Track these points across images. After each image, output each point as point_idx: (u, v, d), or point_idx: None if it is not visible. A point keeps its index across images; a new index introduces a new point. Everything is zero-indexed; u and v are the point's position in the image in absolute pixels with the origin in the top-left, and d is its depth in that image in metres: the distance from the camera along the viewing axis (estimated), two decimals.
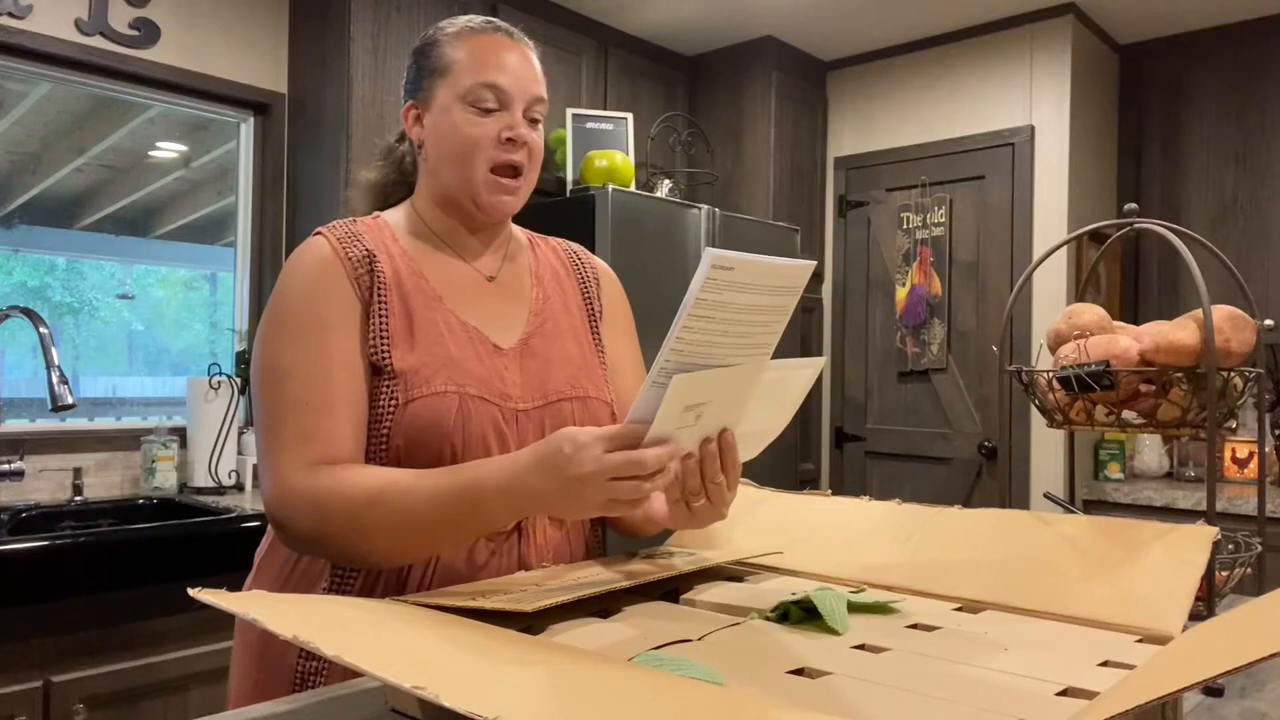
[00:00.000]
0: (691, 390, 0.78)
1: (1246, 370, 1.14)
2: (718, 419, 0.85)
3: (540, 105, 1.10)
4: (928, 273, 3.48)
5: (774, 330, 0.84)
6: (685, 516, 0.93)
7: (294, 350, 0.98)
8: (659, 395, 0.77)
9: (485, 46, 1.07)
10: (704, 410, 0.82)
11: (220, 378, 2.54)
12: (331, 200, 2.65)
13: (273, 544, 1.07)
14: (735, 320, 0.79)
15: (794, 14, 3.32)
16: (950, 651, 0.72)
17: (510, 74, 1.06)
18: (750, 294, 0.78)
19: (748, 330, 0.81)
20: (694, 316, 0.76)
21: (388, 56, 2.68)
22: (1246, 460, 3.16)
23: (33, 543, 1.77)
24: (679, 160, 3.56)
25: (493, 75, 1.06)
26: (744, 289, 0.78)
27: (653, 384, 0.78)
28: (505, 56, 1.07)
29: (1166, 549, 0.85)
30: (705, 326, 0.77)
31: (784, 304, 0.83)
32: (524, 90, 1.07)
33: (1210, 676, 0.46)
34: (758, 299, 0.79)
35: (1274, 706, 0.80)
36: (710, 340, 0.78)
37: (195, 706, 1.92)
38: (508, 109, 1.06)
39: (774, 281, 0.80)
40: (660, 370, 0.78)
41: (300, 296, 1.01)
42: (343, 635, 0.60)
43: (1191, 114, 3.37)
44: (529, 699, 0.52)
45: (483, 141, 1.05)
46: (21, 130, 2.56)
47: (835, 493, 1.12)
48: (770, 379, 0.88)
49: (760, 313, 0.81)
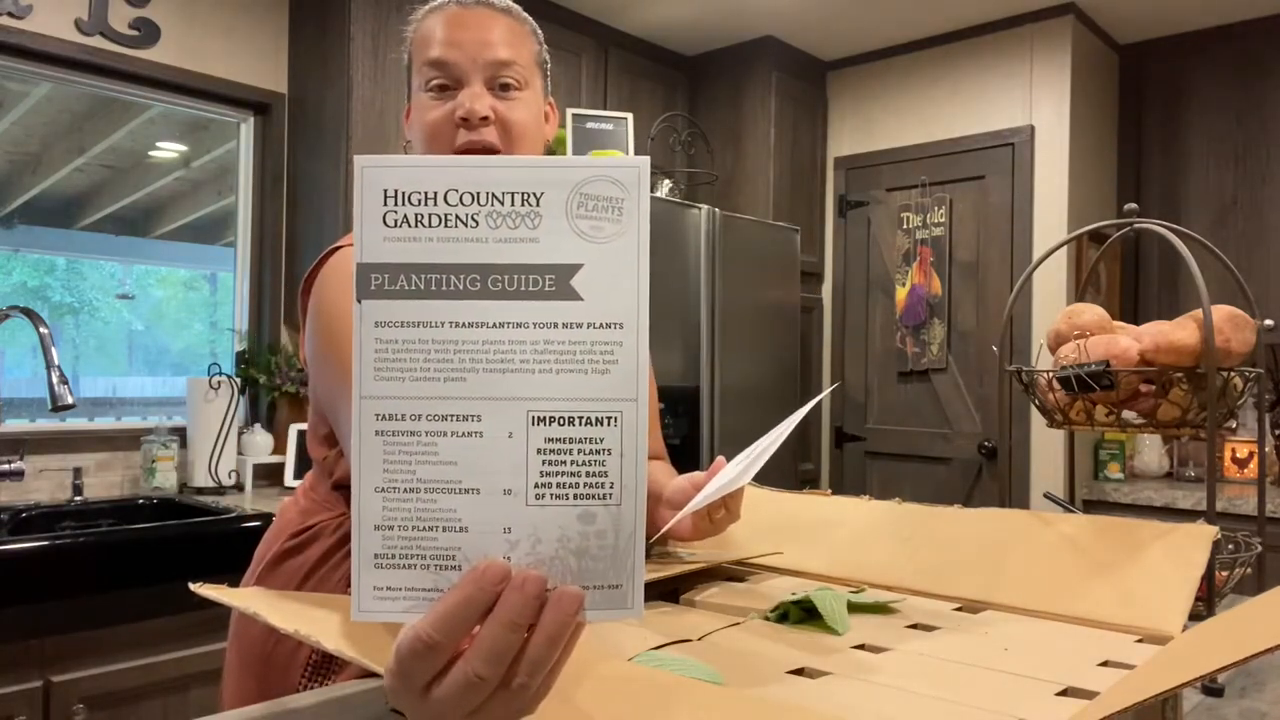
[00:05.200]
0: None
1: (1246, 370, 1.14)
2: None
3: (509, 69, 0.97)
4: (928, 273, 3.48)
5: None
6: (708, 528, 0.94)
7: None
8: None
9: (435, 24, 0.98)
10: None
11: (220, 378, 2.54)
12: (331, 200, 2.65)
13: (286, 549, 1.05)
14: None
15: (794, 14, 3.32)
16: (950, 651, 0.72)
17: (456, 46, 0.95)
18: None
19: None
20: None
21: (388, 56, 2.68)
22: (1246, 460, 3.16)
23: (33, 543, 1.77)
24: (679, 160, 3.56)
25: (435, 51, 0.96)
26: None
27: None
28: (455, 29, 0.96)
29: (1166, 549, 0.85)
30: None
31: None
32: (476, 59, 0.95)
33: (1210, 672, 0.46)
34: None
35: (1274, 706, 0.80)
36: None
37: (195, 706, 1.92)
38: (465, 84, 0.96)
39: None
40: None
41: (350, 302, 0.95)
42: (343, 630, 0.60)
43: (1191, 114, 3.37)
44: None
45: (440, 126, 0.95)
46: (21, 130, 2.56)
47: (835, 493, 1.11)
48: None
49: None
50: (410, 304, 0.44)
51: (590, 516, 0.44)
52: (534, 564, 0.44)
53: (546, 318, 0.44)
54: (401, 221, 0.45)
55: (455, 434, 0.44)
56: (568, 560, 0.44)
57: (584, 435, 0.44)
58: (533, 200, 0.45)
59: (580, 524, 0.44)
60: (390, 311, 0.44)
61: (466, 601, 0.41)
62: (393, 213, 0.45)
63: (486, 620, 0.42)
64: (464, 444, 0.44)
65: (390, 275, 0.45)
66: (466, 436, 0.44)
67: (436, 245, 0.44)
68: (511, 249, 0.45)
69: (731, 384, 3.02)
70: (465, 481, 0.44)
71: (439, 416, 0.44)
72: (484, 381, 0.44)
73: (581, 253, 0.45)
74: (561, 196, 0.45)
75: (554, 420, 0.44)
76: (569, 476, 0.44)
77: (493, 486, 0.44)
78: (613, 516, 0.44)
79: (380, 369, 0.45)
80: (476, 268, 0.45)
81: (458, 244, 0.44)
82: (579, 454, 0.44)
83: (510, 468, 0.44)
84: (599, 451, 0.44)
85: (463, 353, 0.44)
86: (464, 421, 0.44)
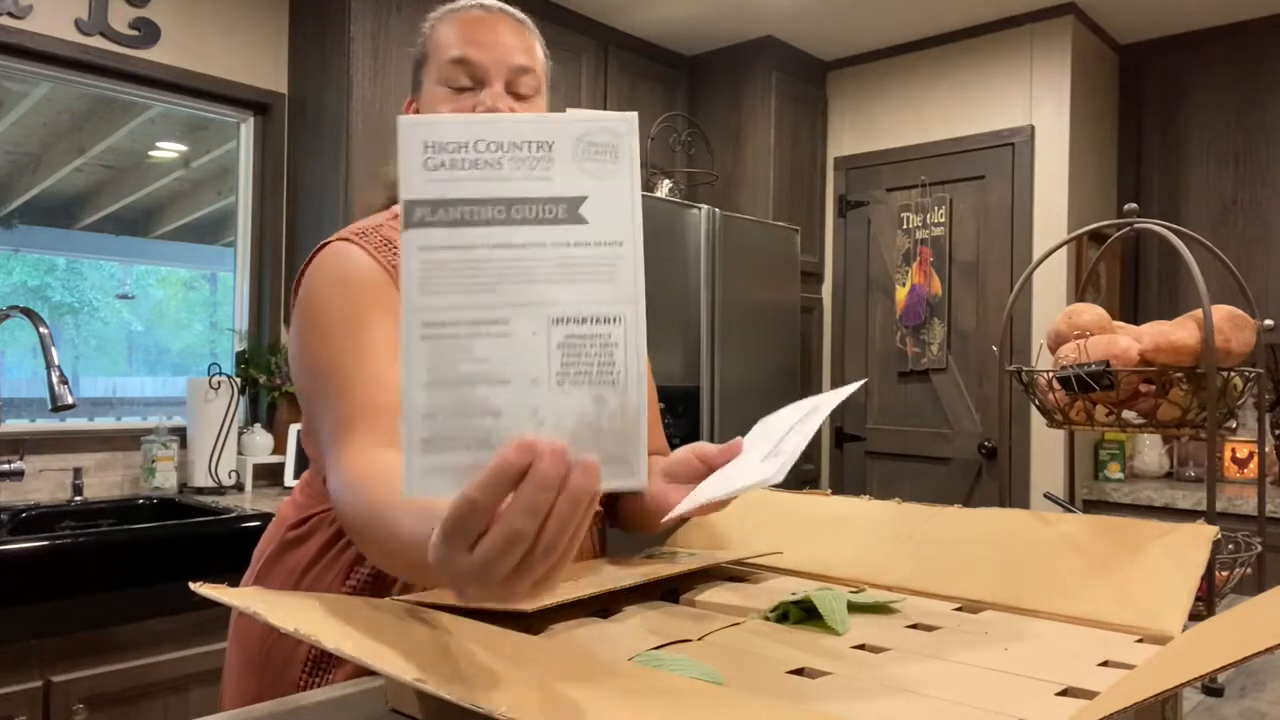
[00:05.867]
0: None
1: (1246, 370, 1.14)
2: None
3: (527, 77, 1.03)
4: (928, 273, 3.48)
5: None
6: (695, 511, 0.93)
7: (338, 346, 0.93)
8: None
9: (460, 24, 1.03)
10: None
11: (220, 378, 2.54)
12: (331, 200, 2.65)
13: (281, 546, 1.06)
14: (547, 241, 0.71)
15: (794, 14, 3.32)
16: (950, 651, 0.72)
17: (482, 48, 1.01)
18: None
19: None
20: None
21: (388, 57, 2.68)
22: (1246, 460, 3.16)
23: (33, 543, 1.77)
24: (679, 160, 3.56)
25: (461, 50, 1.01)
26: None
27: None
28: (480, 32, 1.02)
29: (1166, 549, 0.85)
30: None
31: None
32: (500, 62, 1.01)
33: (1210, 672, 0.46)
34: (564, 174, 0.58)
35: (1274, 706, 0.80)
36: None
37: (195, 706, 1.92)
38: (486, 85, 1.01)
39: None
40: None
41: (339, 298, 0.96)
42: (343, 629, 0.60)
43: (1191, 114, 3.37)
44: (529, 697, 0.52)
45: None
46: (21, 130, 2.56)
47: (835, 493, 1.11)
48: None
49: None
50: (448, 231, 0.54)
51: (602, 400, 0.53)
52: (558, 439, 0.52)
53: (560, 239, 0.54)
54: (439, 165, 0.54)
55: (488, 335, 0.53)
56: (585, 435, 0.53)
57: (595, 332, 0.53)
58: (546, 148, 0.55)
59: (595, 406, 0.53)
60: (431, 238, 0.53)
61: (505, 467, 0.49)
62: (431, 159, 0.54)
63: (521, 483, 0.49)
64: (496, 343, 0.53)
65: (430, 209, 0.54)
66: (498, 337, 0.53)
67: (468, 184, 0.54)
68: (530, 185, 0.54)
69: (731, 384, 3.02)
70: (499, 374, 0.53)
71: (474, 322, 0.53)
72: (511, 292, 0.53)
73: (586, 187, 0.55)
74: (569, 144, 0.55)
75: (570, 320, 0.53)
76: (584, 367, 0.53)
77: (522, 377, 0.53)
78: (620, 400, 0.53)
79: (424, 285, 0.53)
80: (502, 201, 0.54)
81: (486, 182, 0.54)
82: (591, 348, 0.53)
83: (536, 361, 0.53)
84: (607, 346, 0.53)
85: (492, 269, 0.54)
86: (495, 325, 0.53)
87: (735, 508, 1.14)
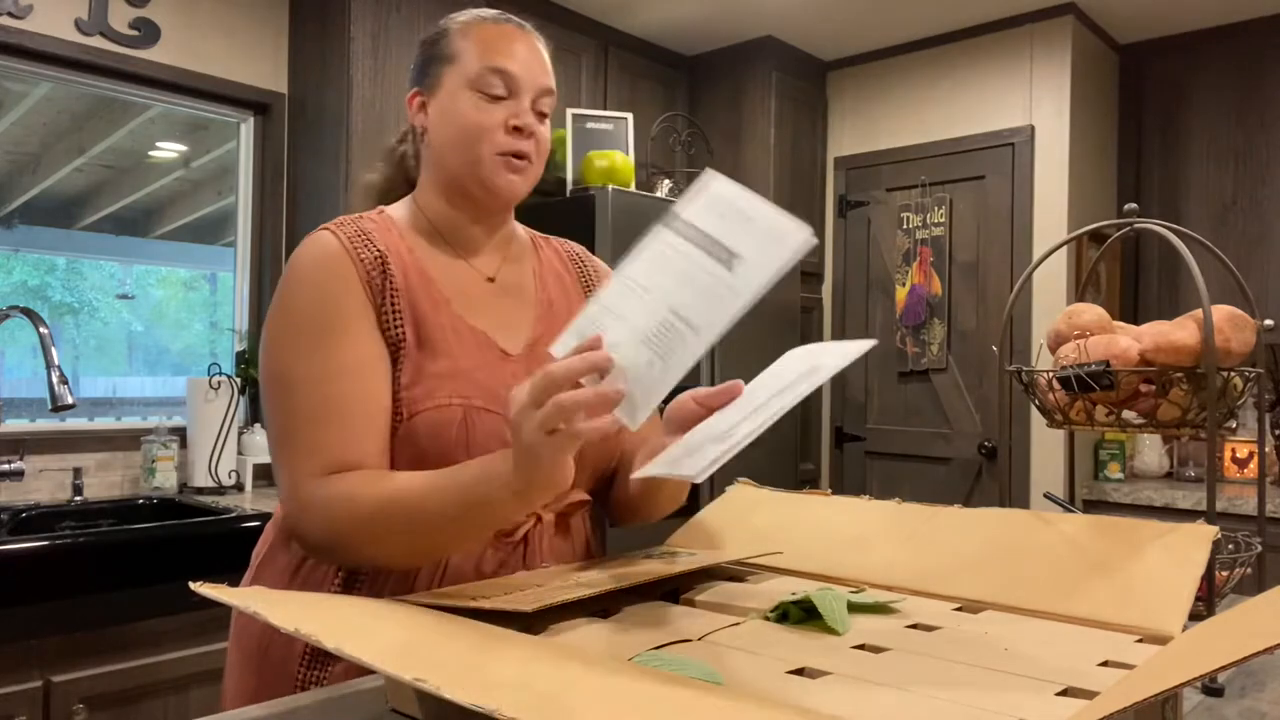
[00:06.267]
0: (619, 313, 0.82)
1: (1246, 370, 1.14)
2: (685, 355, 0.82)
3: (549, 98, 1.09)
4: (928, 273, 3.48)
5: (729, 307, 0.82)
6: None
7: (304, 359, 0.97)
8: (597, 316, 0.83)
9: (496, 35, 1.07)
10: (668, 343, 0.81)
11: (220, 378, 2.55)
12: (331, 200, 2.65)
13: (274, 546, 1.06)
14: (703, 269, 0.81)
15: (794, 14, 3.32)
16: (950, 651, 0.72)
17: (520, 62, 1.06)
18: (738, 236, 0.81)
19: (710, 287, 0.81)
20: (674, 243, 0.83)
21: (388, 57, 2.68)
22: (1246, 460, 3.16)
23: (33, 543, 1.77)
24: (679, 160, 3.56)
25: (502, 61, 1.05)
26: (733, 226, 0.82)
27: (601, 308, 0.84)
28: (515, 45, 1.07)
29: (1166, 549, 0.85)
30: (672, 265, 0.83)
31: (762, 272, 0.81)
32: (533, 80, 1.06)
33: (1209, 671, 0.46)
34: (743, 244, 0.81)
35: (1274, 706, 0.80)
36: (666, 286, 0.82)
37: (195, 706, 1.92)
38: (516, 97, 1.05)
39: (766, 238, 0.81)
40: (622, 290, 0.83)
41: (308, 300, 0.99)
42: (343, 629, 0.60)
43: (1191, 114, 3.37)
44: (529, 696, 0.52)
45: (490, 127, 1.04)
46: (21, 130, 2.56)
47: (835, 493, 1.12)
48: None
49: (735, 268, 0.81)
50: (680, 239, 0.83)
51: (652, 366, 0.80)
52: (620, 366, 0.80)
53: (712, 270, 0.81)
54: (690, 226, 0.83)
55: (638, 298, 0.82)
56: (633, 376, 0.80)
57: (681, 328, 0.80)
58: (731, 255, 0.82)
59: (648, 367, 0.80)
60: (666, 240, 0.83)
61: (578, 361, 0.79)
62: (698, 215, 0.83)
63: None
64: (639, 303, 0.82)
65: (680, 228, 0.83)
66: (641, 299, 0.82)
67: (710, 220, 0.83)
68: (727, 241, 0.82)
69: None
70: (629, 320, 0.82)
71: (644, 287, 0.82)
72: (668, 282, 0.82)
73: (747, 250, 0.82)
74: (756, 240, 0.83)
75: (678, 315, 0.81)
76: (665, 341, 0.80)
77: (634, 327, 0.81)
78: (659, 374, 0.80)
79: (649, 263, 0.83)
80: (708, 238, 0.83)
81: (718, 224, 0.83)
82: (673, 334, 0.80)
83: (649, 322, 0.81)
84: (682, 339, 0.80)
85: (675, 266, 0.82)
86: (647, 293, 0.82)
87: (735, 507, 1.15)
